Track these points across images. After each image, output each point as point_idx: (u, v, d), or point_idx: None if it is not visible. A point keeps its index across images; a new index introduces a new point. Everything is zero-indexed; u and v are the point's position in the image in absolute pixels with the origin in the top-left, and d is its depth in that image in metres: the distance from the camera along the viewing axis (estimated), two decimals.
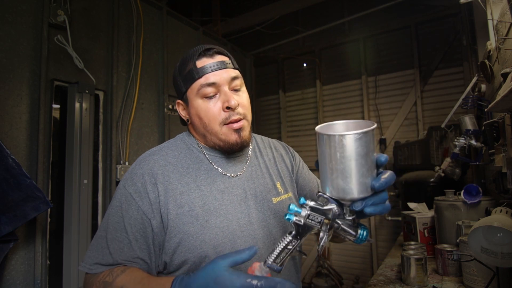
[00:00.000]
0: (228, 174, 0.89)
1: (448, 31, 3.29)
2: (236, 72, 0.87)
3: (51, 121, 1.98)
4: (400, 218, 2.64)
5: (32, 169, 1.84)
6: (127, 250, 0.77)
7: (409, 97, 3.50)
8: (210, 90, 0.83)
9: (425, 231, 1.82)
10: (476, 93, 2.12)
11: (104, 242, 0.79)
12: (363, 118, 3.75)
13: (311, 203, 0.67)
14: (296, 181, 1.04)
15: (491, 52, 1.69)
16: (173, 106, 2.82)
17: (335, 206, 0.66)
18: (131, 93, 2.50)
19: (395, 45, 3.64)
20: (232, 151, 0.89)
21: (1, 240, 1.61)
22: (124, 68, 2.47)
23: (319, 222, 0.66)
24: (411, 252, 1.45)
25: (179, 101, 0.92)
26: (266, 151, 1.02)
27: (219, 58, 0.86)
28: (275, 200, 0.91)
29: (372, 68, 3.73)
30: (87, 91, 2.09)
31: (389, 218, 3.33)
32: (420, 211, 2.01)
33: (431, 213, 1.90)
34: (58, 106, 2.10)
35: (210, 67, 0.83)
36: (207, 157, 0.90)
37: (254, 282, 0.58)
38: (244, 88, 0.90)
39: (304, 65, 4.24)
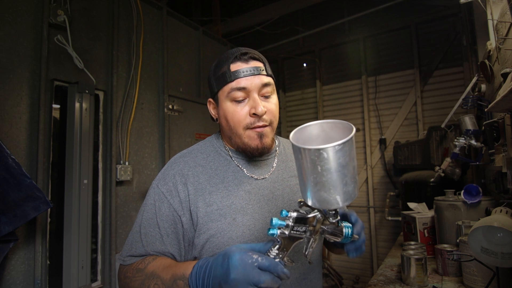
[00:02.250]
0: (255, 177, 0.92)
1: (448, 31, 3.29)
2: (268, 79, 0.88)
3: (51, 121, 1.98)
4: (400, 218, 2.64)
5: (32, 169, 1.84)
6: (159, 244, 0.83)
7: (409, 97, 3.50)
8: (239, 95, 0.85)
9: (425, 231, 1.82)
10: (476, 93, 2.12)
11: (138, 236, 0.85)
12: (363, 118, 3.75)
13: (294, 214, 0.66)
14: None
15: (491, 52, 1.69)
16: (173, 106, 2.82)
17: (318, 213, 0.67)
18: (131, 93, 2.50)
19: (395, 45, 3.64)
20: (252, 155, 0.91)
21: (1, 240, 1.61)
22: (124, 68, 2.47)
23: (304, 232, 0.66)
24: (411, 252, 1.45)
25: (211, 100, 0.95)
26: (293, 157, 1.04)
27: (254, 63, 0.87)
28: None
29: (372, 68, 3.73)
30: (87, 91, 2.09)
31: (389, 218, 3.33)
32: (420, 211, 2.01)
33: (431, 213, 1.89)
34: (58, 106, 2.10)
35: (243, 72, 0.85)
36: (234, 160, 0.93)
37: (255, 256, 0.62)
38: (274, 95, 0.91)
39: (304, 65, 4.24)
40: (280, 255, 0.65)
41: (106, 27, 2.37)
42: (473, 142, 1.99)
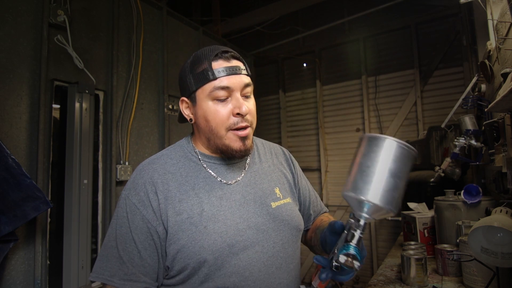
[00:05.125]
0: (226, 182, 0.89)
1: (448, 31, 3.29)
2: (248, 79, 0.86)
3: (51, 121, 1.98)
4: (400, 218, 2.64)
5: (32, 169, 1.84)
6: (138, 260, 0.79)
7: (409, 97, 3.50)
8: (222, 94, 0.82)
9: (425, 231, 1.82)
10: (476, 93, 2.12)
11: (115, 252, 0.80)
12: (363, 118, 3.75)
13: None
14: (297, 191, 1.06)
15: (491, 52, 1.69)
16: (173, 106, 2.81)
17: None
18: (131, 93, 2.50)
19: (395, 45, 3.63)
20: (233, 158, 0.89)
21: (1, 240, 1.61)
22: (124, 68, 2.47)
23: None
24: (411, 252, 1.45)
25: (184, 98, 0.90)
26: (266, 157, 1.02)
27: (235, 62, 0.85)
28: (274, 204, 0.92)
29: (372, 68, 3.73)
30: (87, 91, 2.09)
31: (389, 218, 3.33)
32: (420, 211, 2.01)
33: (431, 213, 1.89)
34: (58, 106, 2.10)
35: (226, 70, 0.82)
36: (204, 165, 0.90)
37: None
38: (252, 95, 0.90)
39: (304, 65, 4.24)
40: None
41: (106, 27, 2.37)
42: (473, 142, 1.99)
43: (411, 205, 2.10)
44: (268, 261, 0.85)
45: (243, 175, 0.92)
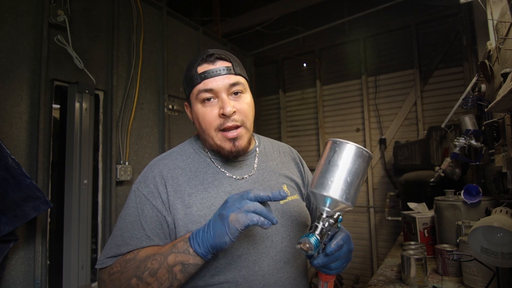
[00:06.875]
0: (235, 177, 0.92)
1: (448, 31, 3.29)
2: (237, 78, 0.88)
3: (51, 121, 1.98)
4: (400, 218, 2.64)
5: (32, 169, 1.84)
6: (146, 244, 0.81)
7: (409, 97, 3.50)
8: (207, 96, 0.85)
9: (425, 231, 1.82)
10: (476, 93, 2.12)
11: (120, 240, 0.82)
12: (363, 118, 3.75)
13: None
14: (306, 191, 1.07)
15: (491, 52, 1.69)
16: (173, 106, 2.82)
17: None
18: (131, 93, 2.50)
19: (395, 45, 3.63)
20: (226, 157, 0.91)
21: (1, 240, 1.61)
22: (124, 68, 2.47)
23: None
24: (411, 252, 1.45)
25: (186, 103, 0.96)
26: (274, 156, 1.04)
27: (220, 64, 0.87)
28: (282, 201, 0.93)
29: (372, 68, 3.73)
30: (87, 91, 2.09)
31: (389, 218, 3.33)
32: (420, 211, 2.01)
33: (431, 213, 1.89)
34: (58, 106, 2.10)
35: (210, 73, 0.85)
36: (213, 162, 0.93)
37: (241, 192, 0.73)
38: (246, 94, 0.91)
39: (304, 65, 4.24)
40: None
41: (106, 27, 2.37)
42: (473, 142, 1.99)
43: (411, 205, 2.10)
44: (277, 256, 0.87)
45: (251, 172, 0.95)
